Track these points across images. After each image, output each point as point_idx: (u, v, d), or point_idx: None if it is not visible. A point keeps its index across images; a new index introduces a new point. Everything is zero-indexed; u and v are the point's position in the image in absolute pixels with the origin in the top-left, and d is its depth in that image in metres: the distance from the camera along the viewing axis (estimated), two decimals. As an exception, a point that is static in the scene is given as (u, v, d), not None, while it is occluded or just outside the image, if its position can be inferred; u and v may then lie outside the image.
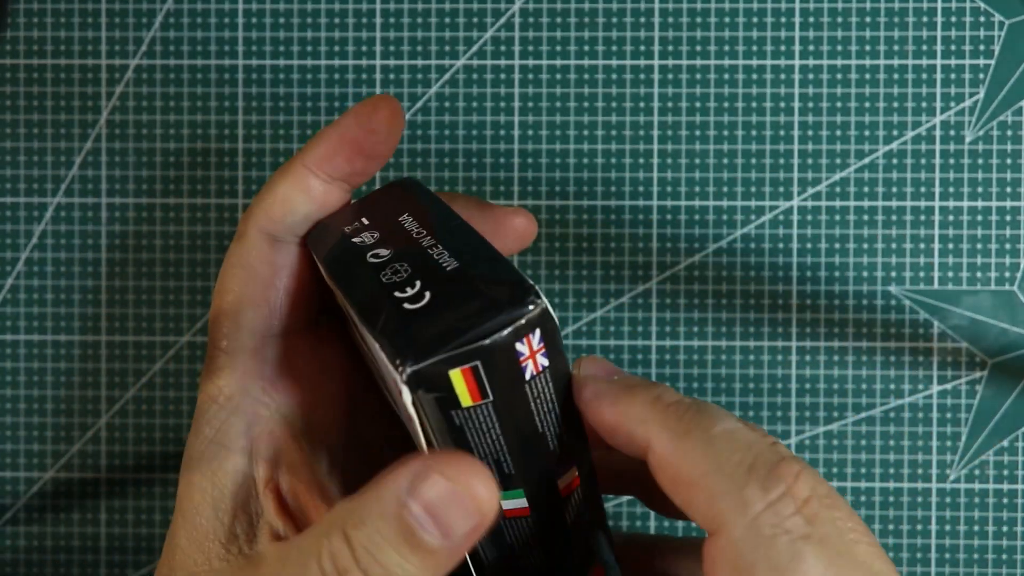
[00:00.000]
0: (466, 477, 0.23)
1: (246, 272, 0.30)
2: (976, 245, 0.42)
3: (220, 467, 0.28)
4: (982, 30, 0.42)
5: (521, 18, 0.42)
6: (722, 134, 0.42)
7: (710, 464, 0.22)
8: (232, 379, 0.29)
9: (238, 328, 0.29)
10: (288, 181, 0.30)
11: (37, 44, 0.43)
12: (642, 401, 0.24)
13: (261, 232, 0.30)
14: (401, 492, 0.23)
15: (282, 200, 0.30)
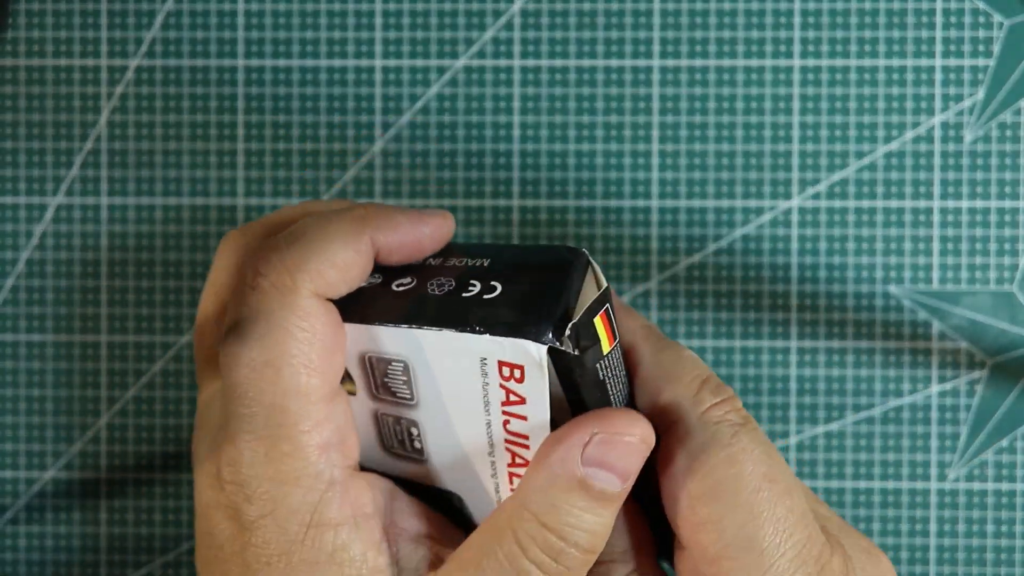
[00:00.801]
0: (619, 423, 0.26)
1: (308, 333, 0.27)
2: (976, 245, 0.42)
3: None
4: (982, 30, 0.42)
5: (521, 18, 0.42)
6: (722, 134, 0.42)
7: (676, 371, 0.28)
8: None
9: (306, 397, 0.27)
10: (351, 248, 0.28)
11: (38, 44, 0.43)
12: (636, 321, 0.30)
13: (311, 295, 0.28)
14: (573, 465, 0.26)
15: (341, 268, 0.28)
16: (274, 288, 0.27)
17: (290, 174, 0.42)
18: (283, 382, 0.27)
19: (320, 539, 0.27)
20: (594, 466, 0.26)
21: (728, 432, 0.27)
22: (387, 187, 0.42)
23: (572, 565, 0.26)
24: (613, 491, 0.26)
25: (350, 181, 0.42)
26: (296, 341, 0.27)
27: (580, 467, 0.26)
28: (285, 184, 0.42)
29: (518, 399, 0.27)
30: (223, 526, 0.27)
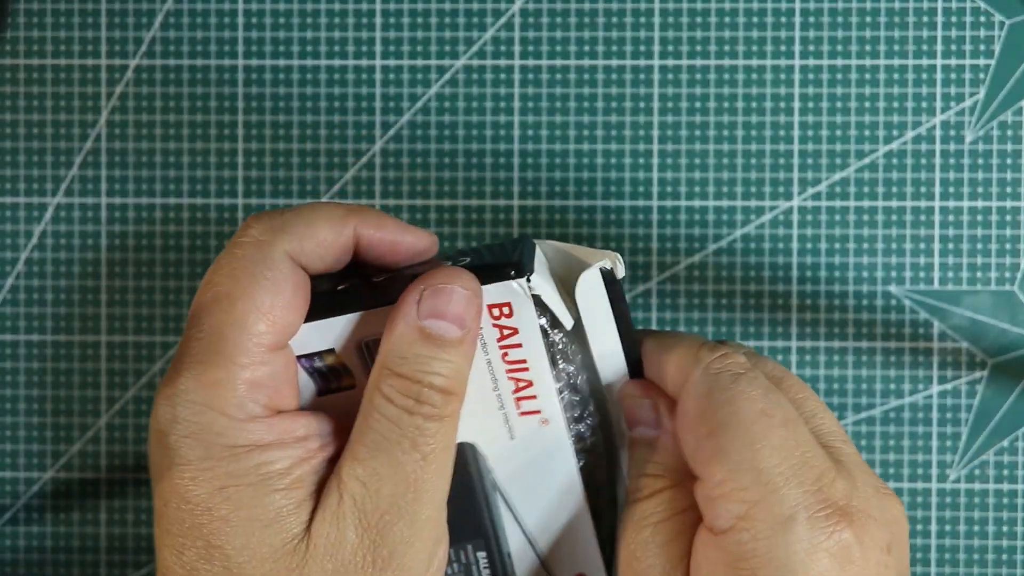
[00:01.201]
0: (450, 277, 0.30)
1: (267, 283, 0.31)
2: (976, 245, 0.42)
3: None
4: (982, 30, 0.42)
5: (521, 18, 0.42)
6: (722, 134, 0.42)
7: (677, 342, 0.32)
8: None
9: (247, 337, 0.30)
10: (335, 228, 0.32)
11: (37, 44, 0.43)
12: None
13: (284, 253, 0.31)
14: (413, 318, 0.30)
15: (320, 243, 0.32)
16: (256, 241, 0.31)
17: (290, 174, 0.42)
18: (234, 314, 0.30)
19: (246, 457, 0.30)
20: (429, 317, 0.30)
21: (728, 379, 0.31)
22: (387, 187, 0.42)
23: (435, 403, 0.30)
24: (451, 336, 0.30)
25: (350, 181, 0.42)
26: (257, 284, 0.30)
27: (418, 319, 0.30)
28: (285, 184, 0.42)
29: (511, 330, 0.31)
30: (155, 448, 0.30)
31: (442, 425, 0.30)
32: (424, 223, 0.42)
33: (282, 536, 0.30)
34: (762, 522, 0.29)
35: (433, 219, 0.42)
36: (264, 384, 0.31)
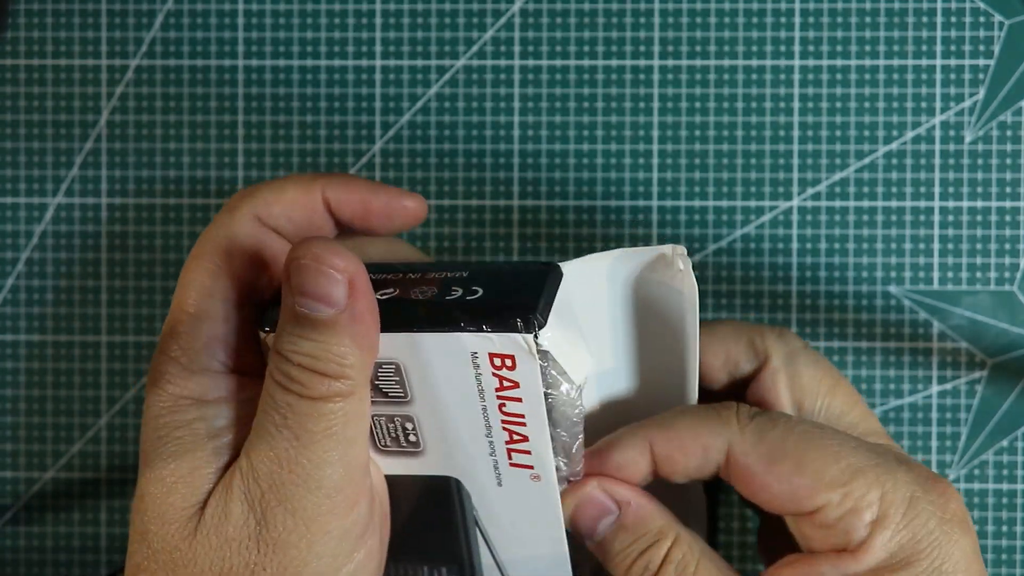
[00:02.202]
0: (322, 254, 0.29)
1: (232, 242, 0.32)
2: (976, 245, 0.42)
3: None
4: (982, 30, 0.42)
5: (521, 18, 0.42)
6: (722, 134, 0.42)
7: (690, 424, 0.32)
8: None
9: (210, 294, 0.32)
10: (300, 188, 0.33)
11: (37, 44, 0.43)
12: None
13: (251, 215, 0.32)
14: (290, 301, 0.29)
15: (287, 202, 0.32)
16: (226, 207, 0.32)
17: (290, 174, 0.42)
18: (195, 273, 0.31)
19: (186, 409, 0.31)
20: (297, 294, 0.29)
21: (765, 421, 0.31)
22: (387, 187, 0.42)
23: (305, 382, 0.29)
24: (319, 316, 0.29)
25: (350, 181, 0.42)
26: (217, 245, 0.32)
27: (291, 299, 0.29)
28: (285, 184, 0.42)
29: (512, 384, 0.30)
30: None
31: (322, 407, 0.29)
32: (424, 223, 0.42)
33: (186, 499, 0.30)
34: (895, 511, 0.29)
35: (433, 219, 0.42)
36: (222, 340, 0.31)
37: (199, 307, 0.31)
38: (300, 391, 0.29)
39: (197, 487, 0.30)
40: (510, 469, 0.31)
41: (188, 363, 0.31)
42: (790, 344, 0.35)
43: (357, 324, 0.29)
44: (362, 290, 0.29)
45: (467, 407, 0.30)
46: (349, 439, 0.29)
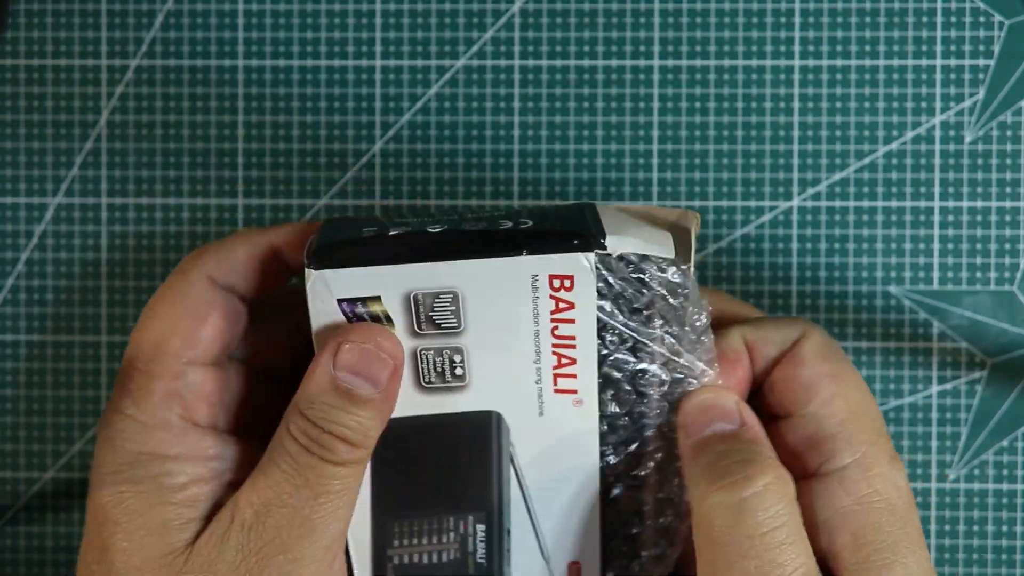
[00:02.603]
0: (371, 336, 0.31)
1: (184, 302, 0.34)
2: (976, 245, 0.42)
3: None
4: (982, 30, 0.42)
5: (521, 18, 0.42)
6: (722, 134, 0.42)
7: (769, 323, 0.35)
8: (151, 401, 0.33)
9: (163, 352, 0.33)
10: (249, 244, 0.34)
11: (37, 44, 0.43)
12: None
13: (203, 276, 0.34)
14: (328, 368, 0.31)
15: (237, 259, 0.34)
16: (179, 270, 0.34)
17: (290, 174, 0.42)
18: (152, 332, 0.33)
19: (147, 465, 0.32)
20: (344, 370, 0.31)
21: (832, 347, 0.34)
22: (387, 187, 0.42)
23: (335, 450, 0.31)
24: (363, 393, 0.31)
25: (350, 181, 0.42)
26: (173, 306, 0.33)
27: (332, 370, 0.31)
28: (285, 184, 0.42)
29: (567, 305, 0.31)
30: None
31: (340, 470, 0.31)
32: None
33: (162, 548, 0.31)
34: (876, 461, 0.31)
35: (433, 219, 0.42)
36: (180, 395, 0.33)
37: (152, 365, 0.33)
38: (325, 455, 0.31)
39: (174, 537, 0.32)
40: (554, 396, 0.32)
41: (144, 420, 0.32)
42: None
43: (389, 402, 0.32)
44: (400, 374, 0.32)
45: (520, 333, 0.32)
46: (354, 496, 0.32)
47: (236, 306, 0.34)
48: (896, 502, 0.31)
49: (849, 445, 0.32)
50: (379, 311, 0.32)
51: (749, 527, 0.30)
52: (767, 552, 0.29)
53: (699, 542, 0.31)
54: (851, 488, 0.31)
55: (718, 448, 0.31)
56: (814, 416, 0.32)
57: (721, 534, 0.30)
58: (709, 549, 0.30)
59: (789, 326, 0.34)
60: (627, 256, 0.31)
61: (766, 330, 0.34)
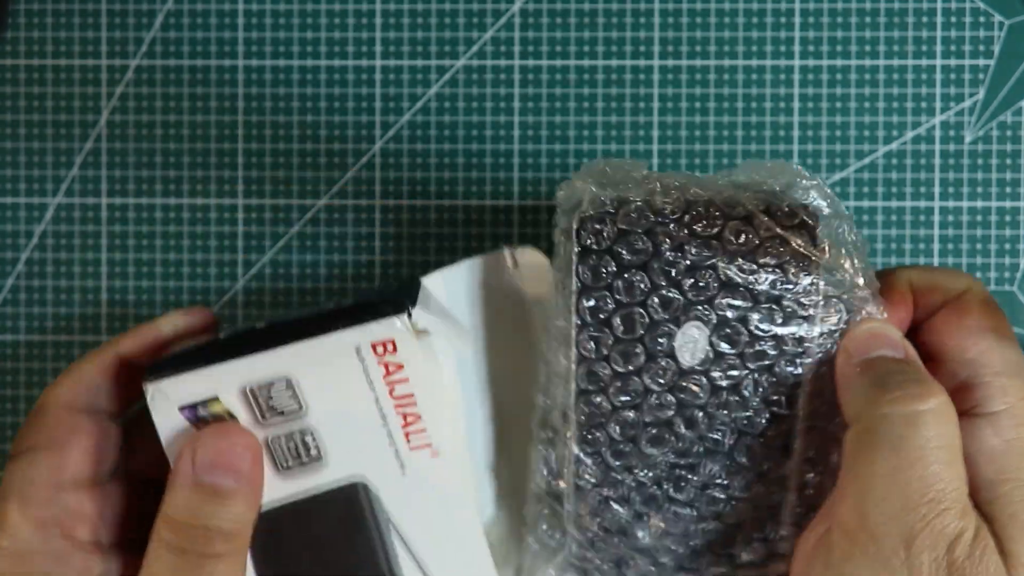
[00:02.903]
0: (222, 433, 0.33)
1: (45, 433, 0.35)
2: (976, 245, 0.42)
3: None
4: (982, 30, 0.42)
5: (521, 18, 0.42)
6: (722, 134, 0.42)
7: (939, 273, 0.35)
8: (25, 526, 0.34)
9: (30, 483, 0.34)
10: (92, 362, 0.36)
11: (37, 44, 0.43)
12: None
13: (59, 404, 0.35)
14: (187, 472, 0.32)
15: (87, 379, 0.35)
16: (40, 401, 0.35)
17: (290, 174, 0.43)
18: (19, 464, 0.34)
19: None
20: (204, 471, 0.32)
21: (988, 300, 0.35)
22: (387, 187, 0.42)
23: (212, 545, 0.32)
24: (226, 486, 0.32)
25: (350, 181, 0.42)
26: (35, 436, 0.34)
27: (192, 473, 0.32)
28: (285, 184, 0.42)
29: (397, 366, 0.33)
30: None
31: (219, 562, 0.32)
32: (424, 223, 0.42)
33: None
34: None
35: (433, 219, 0.42)
36: (57, 520, 0.34)
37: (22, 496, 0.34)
38: (205, 551, 0.32)
39: None
40: (411, 453, 0.34)
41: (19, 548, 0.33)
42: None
43: (255, 488, 0.33)
44: (260, 458, 0.33)
45: (360, 401, 0.33)
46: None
47: (103, 425, 0.35)
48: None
49: (1003, 395, 0.32)
50: (221, 411, 0.33)
51: (921, 438, 0.30)
52: (933, 465, 0.30)
53: (856, 455, 0.31)
54: (1000, 432, 0.32)
55: (888, 367, 0.32)
56: (972, 363, 0.33)
57: (890, 443, 0.30)
58: (870, 459, 0.31)
59: (957, 277, 0.35)
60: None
61: (935, 278, 0.35)
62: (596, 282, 0.32)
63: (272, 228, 0.43)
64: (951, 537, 0.30)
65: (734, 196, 0.33)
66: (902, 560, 0.30)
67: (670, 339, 0.33)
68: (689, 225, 0.32)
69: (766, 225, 0.32)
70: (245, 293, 0.43)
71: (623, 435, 0.33)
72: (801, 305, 0.33)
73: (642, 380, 0.33)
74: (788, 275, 0.32)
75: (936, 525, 0.30)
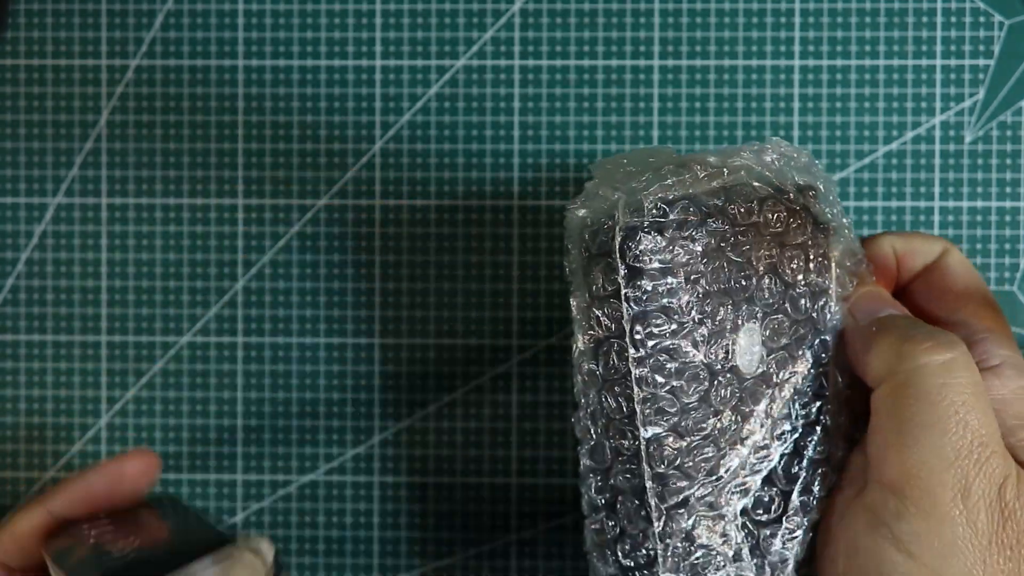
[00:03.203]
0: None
1: None
2: (976, 245, 0.42)
3: None
4: (982, 30, 0.42)
5: (521, 18, 0.42)
6: (722, 134, 0.42)
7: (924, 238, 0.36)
8: None
9: None
10: (27, 522, 0.34)
11: (37, 44, 0.43)
12: None
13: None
14: None
15: (19, 539, 0.34)
16: None
17: (290, 174, 0.43)
18: None
19: None
20: None
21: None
22: (387, 187, 0.42)
23: None
24: None
25: (350, 181, 0.42)
26: None
27: None
28: (285, 184, 0.42)
29: None
30: None
31: None
32: (424, 223, 0.42)
33: None
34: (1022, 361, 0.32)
35: (433, 219, 0.42)
36: None
37: None
38: None
39: None
40: None
41: None
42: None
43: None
44: None
45: None
46: None
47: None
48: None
49: (1000, 347, 0.33)
50: None
51: (959, 384, 0.30)
52: (975, 409, 0.30)
53: (894, 410, 0.31)
54: (1007, 382, 0.32)
55: (905, 323, 0.32)
56: (964, 324, 0.33)
57: (928, 394, 0.30)
58: (911, 413, 0.30)
59: (934, 242, 0.35)
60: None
61: (914, 242, 0.35)
62: (650, 304, 0.28)
63: (272, 228, 0.43)
64: (1000, 480, 0.30)
65: (744, 180, 0.31)
66: (961, 510, 0.30)
67: (729, 348, 0.30)
68: (732, 215, 0.30)
69: (787, 205, 0.31)
70: (245, 293, 0.43)
71: (703, 470, 0.30)
72: (822, 277, 0.32)
73: (711, 404, 0.30)
74: (811, 251, 0.32)
75: (987, 469, 0.30)
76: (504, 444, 0.42)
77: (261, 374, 0.43)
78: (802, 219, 0.32)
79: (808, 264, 0.32)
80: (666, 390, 0.29)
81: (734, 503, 0.31)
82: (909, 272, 0.35)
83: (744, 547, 0.31)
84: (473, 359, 0.42)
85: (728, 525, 0.31)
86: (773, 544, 0.32)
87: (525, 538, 0.42)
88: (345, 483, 0.43)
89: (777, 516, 0.32)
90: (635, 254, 0.28)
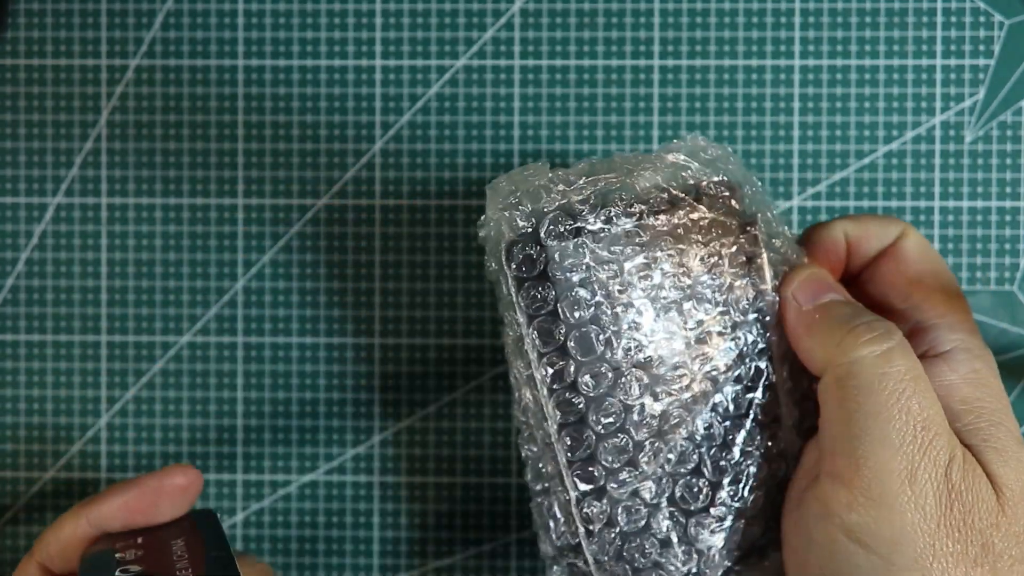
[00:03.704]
0: None
1: None
2: (976, 245, 0.42)
3: None
4: (982, 30, 0.42)
5: (521, 18, 0.42)
6: (722, 134, 0.42)
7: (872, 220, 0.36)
8: None
9: None
10: (72, 529, 0.35)
11: (37, 44, 0.43)
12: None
13: (36, 564, 0.35)
14: None
15: (63, 542, 0.35)
16: (23, 560, 0.36)
17: (290, 174, 0.43)
18: None
19: None
20: None
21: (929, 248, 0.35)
22: (387, 187, 0.42)
23: None
24: None
25: (350, 181, 0.42)
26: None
27: None
28: (285, 184, 0.42)
29: None
30: None
31: None
32: (424, 223, 0.42)
33: None
34: (975, 346, 0.33)
35: (433, 219, 0.42)
36: None
37: None
38: None
39: None
40: None
41: None
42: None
43: None
44: None
45: None
46: None
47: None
48: (993, 380, 0.33)
49: (951, 333, 0.33)
50: None
51: (898, 372, 0.31)
52: (915, 395, 0.31)
53: (839, 401, 0.31)
54: (957, 367, 0.32)
55: (845, 310, 0.33)
56: (918, 309, 0.34)
57: (870, 383, 0.31)
58: (855, 403, 0.31)
59: (890, 224, 0.35)
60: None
61: (868, 226, 0.35)
62: (540, 309, 0.31)
63: (272, 228, 0.43)
64: (945, 462, 0.30)
65: (648, 180, 0.32)
66: (909, 496, 0.30)
67: (637, 345, 0.32)
68: (614, 219, 0.32)
69: (688, 203, 0.32)
70: (245, 293, 0.43)
71: (618, 460, 0.32)
72: (741, 267, 0.32)
73: (616, 398, 0.32)
74: (722, 241, 0.32)
75: (931, 452, 0.30)
76: (504, 444, 0.42)
77: (261, 374, 0.43)
78: (715, 212, 0.32)
79: (722, 253, 0.32)
80: (567, 384, 0.31)
81: (658, 492, 0.33)
82: (864, 257, 0.35)
83: (672, 534, 0.33)
84: (473, 359, 0.42)
85: (655, 513, 0.33)
86: (701, 533, 0.33)
87: (525, 538, 0.42)
88: (345, 483, 0.43)
89: (704, 506, 0.33)
90: (516, 266, 0.31)
